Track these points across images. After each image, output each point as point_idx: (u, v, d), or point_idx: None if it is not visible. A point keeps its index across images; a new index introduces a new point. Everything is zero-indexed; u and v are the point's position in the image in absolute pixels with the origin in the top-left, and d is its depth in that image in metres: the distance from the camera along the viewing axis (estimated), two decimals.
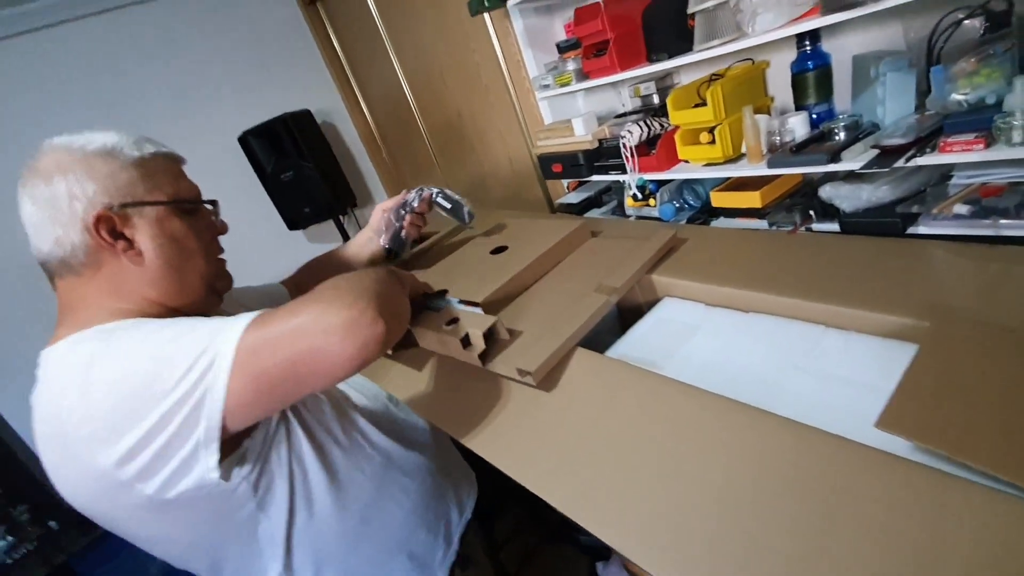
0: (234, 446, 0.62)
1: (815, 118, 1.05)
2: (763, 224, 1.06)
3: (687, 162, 1.20)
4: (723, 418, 0.58)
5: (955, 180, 0.84)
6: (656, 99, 1.33)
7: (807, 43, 1.01)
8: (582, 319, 0.78)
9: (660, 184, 1.28)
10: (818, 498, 0.47)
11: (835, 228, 0.96)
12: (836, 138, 0.96)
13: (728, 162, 1.11)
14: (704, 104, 1.09)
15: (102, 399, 0.54)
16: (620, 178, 1.31)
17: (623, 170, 1.27)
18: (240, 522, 0.67)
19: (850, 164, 0.89)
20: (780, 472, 0.50)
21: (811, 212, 1.00)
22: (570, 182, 1.67)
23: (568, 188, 1.69)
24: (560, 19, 1.52)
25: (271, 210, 2.49)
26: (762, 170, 1.03)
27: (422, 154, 2.47)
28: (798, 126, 1.04)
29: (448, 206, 1.06)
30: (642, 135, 1.22)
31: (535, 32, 1.51)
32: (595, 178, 1.39)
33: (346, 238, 2.50)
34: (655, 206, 1.26)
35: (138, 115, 2.30)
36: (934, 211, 0.84)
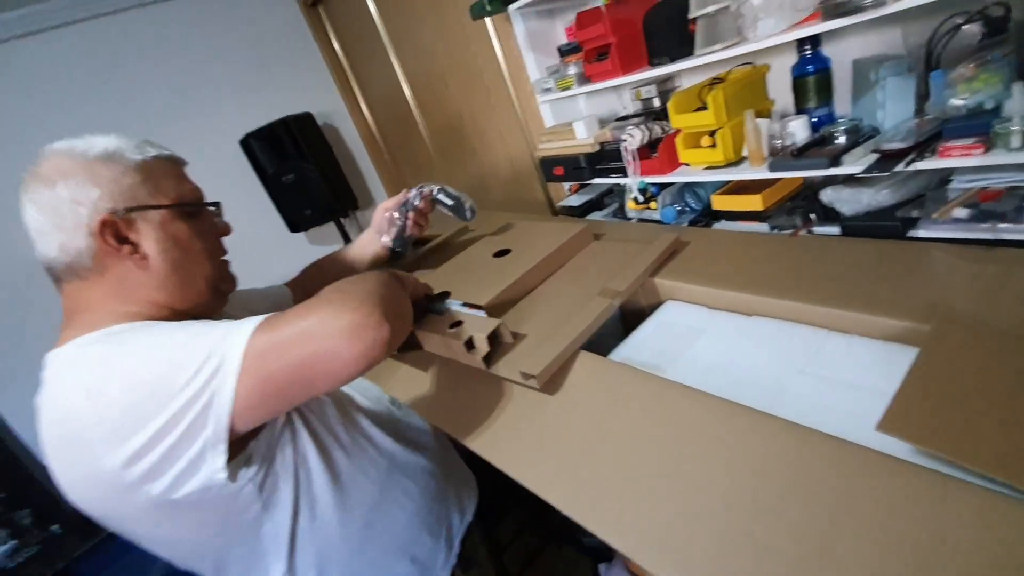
0: (240, 448, 0.63)
1: (815, 122, 1.06)
2: (764, 227, 1.07)
3: (688, 165, 1.21)
4: (726, 421, 0.58)
5: (955, 184, 0.85)
6: (657, 102, 1.34)
7: (807, 47, 1.02)
8: (586, 322, 0.78)
9: (662, 187, 1.28)
10: (820, 500, 0.48)
11: (836, 231, 0.96)
12: (836, 142, 0.96)
13: (729, 165, 1.11)
14: (705, 108, 1.10)
15: (112, 402, 0.54)
16: (622, 181, 1.32)
17: (624, 173, 1.28)
18: (246, 524, 0.67)
19: (851, 168, 0.89)
20: (782, 474, 0.51)
21: (812, 215, 1.00)
22: (571, 185, 1.67)
23: (569, 191, 1.69)
24: (561, 22, 1.52)
25: (272, 212, 2.50)
26: (763, 173, 1.03)
27: (423, 156, 2.48)
28: (799, 130, 1.04)
29: (449, 203, 1.06)
30: (643, 138, 1.22)
31: (536, 35, 1.51)
32: (597, 181, 1.40)
33: (347, 240, 2.50)
34: (657, 209, 1.27)
35: (140, 117, 2.30)
36: (934, 215, 0.84)
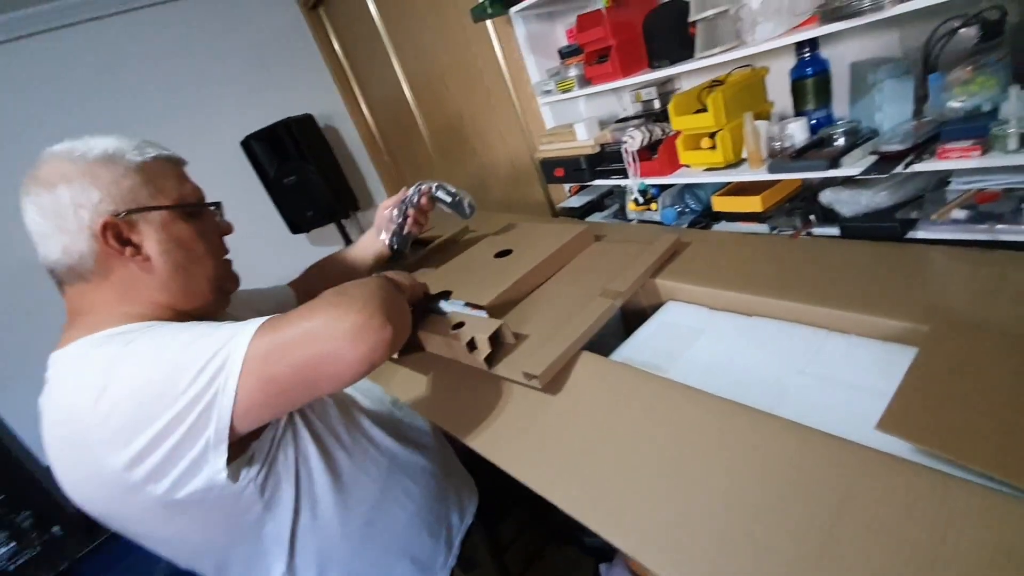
0: (241, 449, 0.63)
1: (814, 124, 1.07)
2: (764, 228, 1.08)
3: (688, 167, 1.22)
4: (726, 420, 0.59)
5: (953, 186, 0.85)
6: (657, 104, 1.35)
7: (806, 50, 1.02)
8: (587, 323, 0.79)
9: (662, 188, 1.29)
10: (820, 499, 0.48)
11: (835, 232, 0.97)
12: (835, 144, 0.97)
13: (729, 167, 1.12)
14: (705, 110, 1.11)
15: (116, 404, 0.55)
16: (622, 182, 1.32)
17: (625, 174, 1.28)
18: (247, 524, 0.68)
19: (850, 170, 0.90)
20: (783, 473, 0.51)
21: (811, 216, 1.01)
22: (572, 186, 1.68)
23: (570, 192, 1.70)
24: (562, 25, 1.53)
25: (274, 214, 2.51)
26: (763, 175, 1.04)
27: (423, 157, 2.48)
28: (798, 132, 1.05)
29: (448, 200, 1.06)
30: (644, 140, 1.23)
31: (537, 38, 1.52)
32: (597, 182, 1.41)
33: (348, 241, 2.51)
34: (657, 210, 1.27)
35: (141, 119, 2.31)
36: (932, 216, 0.85)
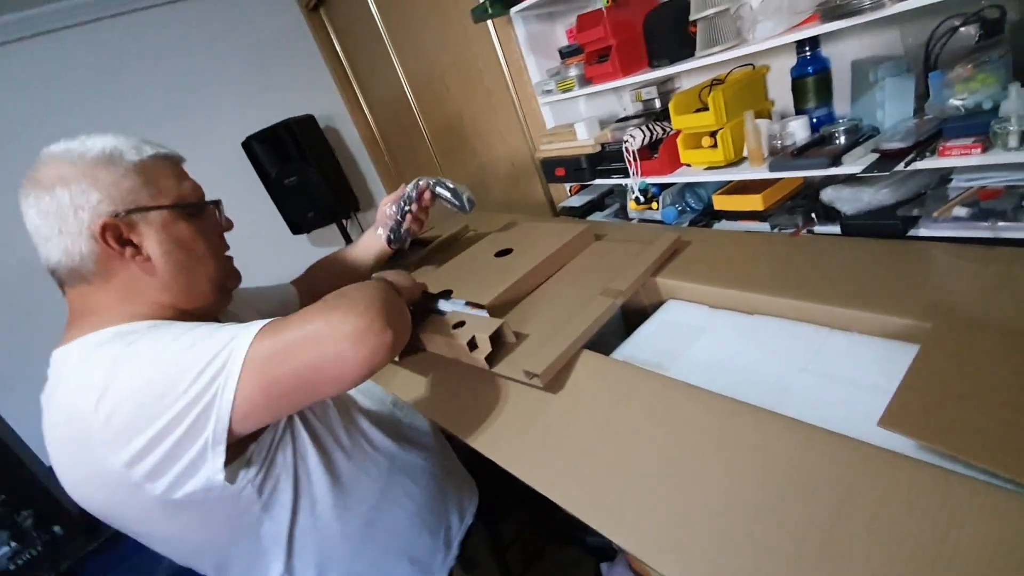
0: (240, 450, 0.63)
1: (815, 122, 1.07)
2: (765, 227, 1.07)
3: (689, 166, 1.22)
4: (728, 418, 0.59)
5: (954, 183, 0.85)
6: (658, 103, 1.34)
7: (807, 49, 1.02)
8: (588, 322, 0.79)
9: (662, 187, 1.29)
10: (822, 496, 0.48)
11: (837, 231, 0.97)
12: (836, 142, 0.97)
13: (730, 165, 1.12)
14: (706, 109, 1.11)
15: (118, 404, 0.55)
16: (623, 182, 1.32)
17: (626, 174, 1.28)
18: (246, 524, 0.68)
19: (851, 168, 0.90)
20: (784, 471, 0.51)
21: (813, 215, 1.01)
22: (572, 186, 1.68)
23: (570, 192, 1.70)
24: (562, 25, 1.53)
25: (275, 214, 2.51)
26: (763, 173, 1.04)
27: (424, 157, 2.48)
28: (799, 130, 1.05)
29: (447, 195, 1.05)
30: (644, 139, 1.23)
31: (537, 38, 1.52)
32: (598, 182, 1.41)
33: (349, 242, 2.50)
34: (658, 209, 1.27)
35: (143, 120, 2.32)
36: (934, 214, 0.85)
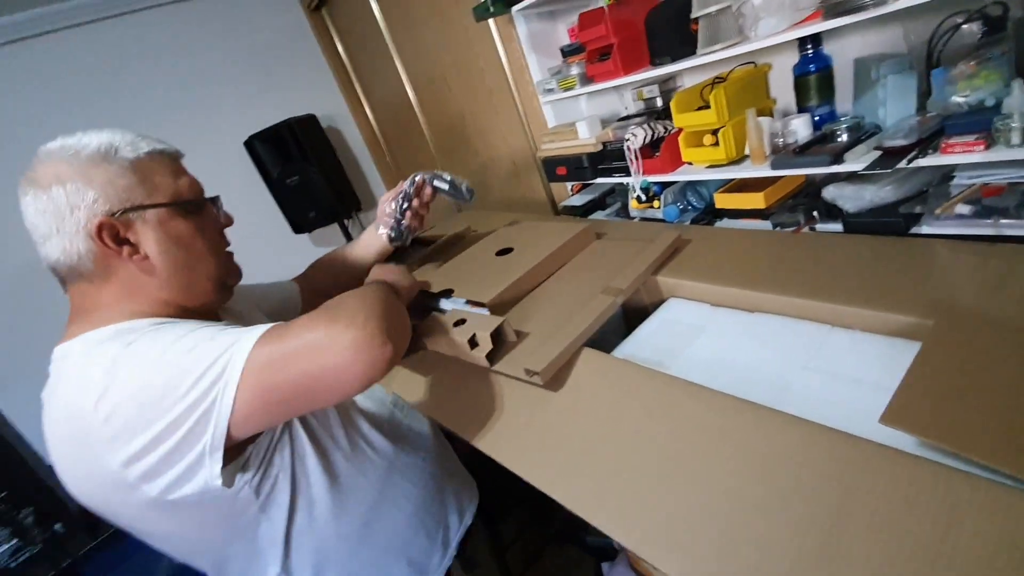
0: (238, 452, 0.63)
1: (817, 120, 1.06)
2: (767, 225, 1.07)
3: (691, 164, 1.21)
4: (730, 416, 0.59)
5: (957, 180, 0.85)
6: (659, 102, 1.34)
7: (809, 46, 1.02)
8: (588, 320, 0.79)
9: (664, 186, 1.28)
10: (824, 493, 0.48)
11: (839, 228, 0.96)
12: (839, 139, 0.96)
13: (731, 164, 1.11)
14: (707, 107, 1.10)
15: (118, 405, 0.55)
16: (624, 180, 1.32)
17: (627, 172, 1.28)
18: (243, 524, 0.68)
19: (853, 165, 0.90)
20: (786, 468, 0.51)
21: (815, 212, 1.01)
22: (574, 184, 1.68)
23: (572, 190, 1.70)
24: (563, 24, 1.53)
25: (277, 214, 2.51)
26: (765, 171, 1.04)
27: (425, 156, 2.49)
28: (801, 128, 1.05)
29: (445, 187, 1.04)
30: (646, 138, 1.22)
31: (539, 36, 1.52)
32: (599, 180, 1.40)
33: (350, 241, 2.52)
34: (659, 208, 1.27)
35: (145, 120, 2.32)
36: (936, 211, 0.85)
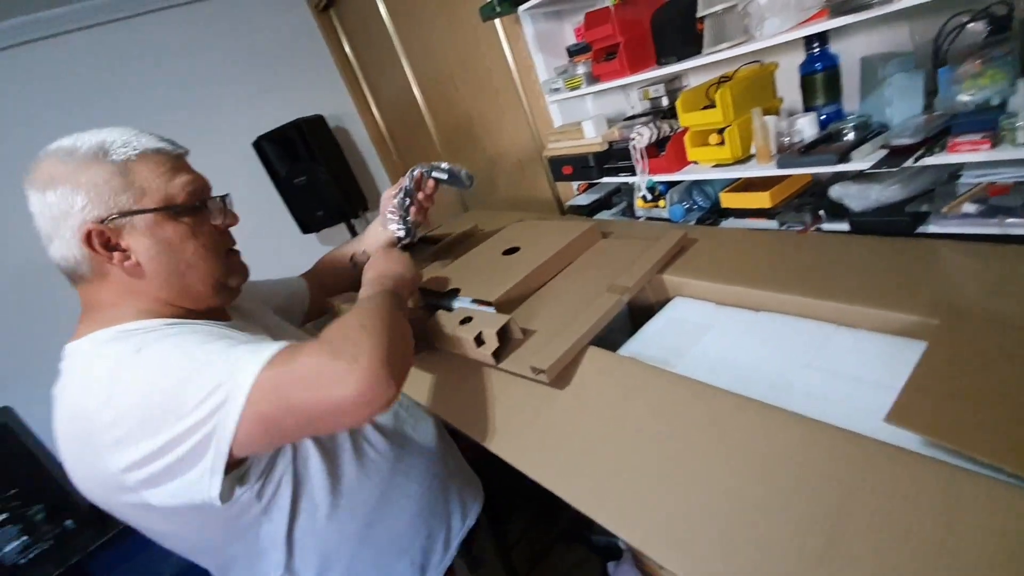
0: (238, 463, 0.63)
1: (824, 119, 1.06)
2: (773, 224, 1.07)
3: (696, 163, 1.21)
4: (734, 414, 0.59)
5: (963, 179, 0.85)
6: (665, 101, 1.34)
7: (815, 45, 1.02)
8: (594, 318, 0.79)
9: (670, 185, 1.28)
10: (827, 491, 0.48)
11: (845, 228, 0.96)
12: (845, 138, 0.96)
13: (737, 163, 1.11)
14: (713, 106, 1.10)
15: (123, 412, 0.56)
16: (630, 180, 1.32)
17: (633, 172, 1.28)
18: (244, 525, 0.68)
19: (859, 164, 0.90)
20: (790, 466, 0.51)
21: (821, 212, 1.01)
22: (580, 184, 1.68)
23: (578, 190, 1.70)
24: (570, 23, 1.54)
25: (284, 214, 2.53)
26: (771, 170, 1.04)
27: (432, 156, 2.49)
28: (807, 127, 1.05)
29: (444, 176, 1.03)
30: (652, 137, 1.23)
31: (545, 36, 1.53)
32: (605, 180, 1.41)
33: None
34: (665, 207, 1.27)
35: (153, 121, 2.29)
36: (943, 210, 0.84)
